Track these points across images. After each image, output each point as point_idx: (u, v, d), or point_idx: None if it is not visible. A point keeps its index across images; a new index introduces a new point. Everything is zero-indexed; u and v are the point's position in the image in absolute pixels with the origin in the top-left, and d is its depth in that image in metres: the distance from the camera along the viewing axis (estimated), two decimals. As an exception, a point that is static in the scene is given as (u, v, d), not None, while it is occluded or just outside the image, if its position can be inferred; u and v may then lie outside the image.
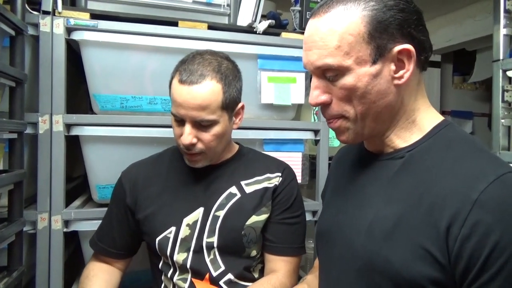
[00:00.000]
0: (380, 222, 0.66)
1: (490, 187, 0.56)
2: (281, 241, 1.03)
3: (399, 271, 0.61)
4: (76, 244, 1.37)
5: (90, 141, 1.21)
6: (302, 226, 1.07)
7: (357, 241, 0.69)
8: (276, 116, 1.42)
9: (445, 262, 0.58)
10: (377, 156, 0.74)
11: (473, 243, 0.56)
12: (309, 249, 1.62)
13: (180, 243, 0.99)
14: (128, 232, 1.06)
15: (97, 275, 1.04)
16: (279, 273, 1.01)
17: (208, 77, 0.92)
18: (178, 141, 0.97)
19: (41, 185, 1.15)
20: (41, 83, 1.15)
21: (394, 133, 0.71)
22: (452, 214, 0.58)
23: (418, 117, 0.70)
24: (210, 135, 0.95)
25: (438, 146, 0.67)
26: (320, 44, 0.65)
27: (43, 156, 1.15)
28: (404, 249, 0.61)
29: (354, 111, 0.67)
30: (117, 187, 1.09)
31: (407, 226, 0.62)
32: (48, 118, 1.15)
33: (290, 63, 1.40)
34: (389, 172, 0.70)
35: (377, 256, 0.65)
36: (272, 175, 1.06)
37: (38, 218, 1.14)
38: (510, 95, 1.28)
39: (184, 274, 0.99)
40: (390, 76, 0.66)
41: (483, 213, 0.55)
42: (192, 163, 0.99)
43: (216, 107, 0.93)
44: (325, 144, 1.43)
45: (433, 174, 0.63)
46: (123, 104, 1.25)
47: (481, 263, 0.55)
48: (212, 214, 1.00)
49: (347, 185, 0.80)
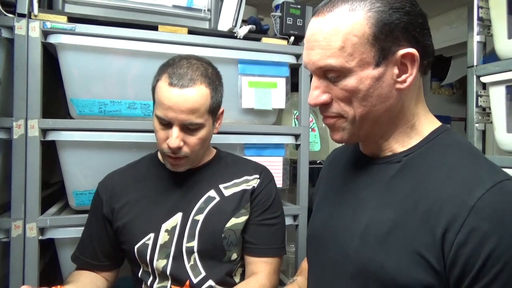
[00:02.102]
0: (375, 226, 0.65)
1: (487, 194, 0.56)
2: (261, 242, 1.03)
3: (394, 277, 0.60)
4: (53, 252, 1.33)
5: (67, 146, 1.19)
6: (281, 227, 1.07)
7: (351, 245, 0.67)
8: (256, 121, 1.42)
9: (440, 268, 0.57)
10: (373, 160, 0.73)
11: (469, 250, 0.55)
12: (290, 253, 1.62)
13: (160, 249, 0.98)
14: (109, 243, 1.04)
15: (83, 275, 1.02)
16: (260, 275, 1.00)
17: (198, 81, 0.93)
18: (162, 145, 0.95)
19: (15, 192, 1.12)
20: (16, 87, 1.12)
21: (393, 137, 0.69)
22: (448, 220, 0.57)
23: (417, 122, 0.69)
24: (196, 139, 0.95)
25: (435, 152, 0.66)
26: (323, 44, 0.63)
27: (17, 162, 1.12)
28: (399, 255, 0.61)
29: (353, 112, 0.66)
30: (94, 198, 1.08)
31: (402, 232, 0.61)
32: (23, 123, 1.12)
33: (270, 68, 1.41)
34: (386, 176, 0.68)
35: (371, 261, 0.64)
36: (250, 177, 1.06)
37: (12, 226, 1.11)
38: (484, 100, 1.32)
39: (164, 281, 0.98)
40: (392, 80, 0.64)
41: (480, 220, 0.55)
42: (175, 167, 0.99)
43: (204, 111, 0.94)
44: (306, 149, 1.44)
45: (430, 179, 0.62)
46: (102, 109, 1.23)
47: (476, 271, 0.55)
48: (191, 218, 0.99)
49: (340, 188, 0.78)
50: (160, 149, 0.98)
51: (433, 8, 2.48)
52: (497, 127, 1.24)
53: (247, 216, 1.02)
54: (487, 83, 1.28)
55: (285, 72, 1.42)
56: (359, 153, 0.78)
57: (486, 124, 1.33)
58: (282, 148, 1.43)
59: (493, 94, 1.26)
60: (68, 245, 1.19)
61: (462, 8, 2.38)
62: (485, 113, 1.32)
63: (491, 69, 1.25)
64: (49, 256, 1.42)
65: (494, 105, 1.25)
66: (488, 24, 1.32)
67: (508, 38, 1.21)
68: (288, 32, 1.44)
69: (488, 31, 1.33)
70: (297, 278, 0.94)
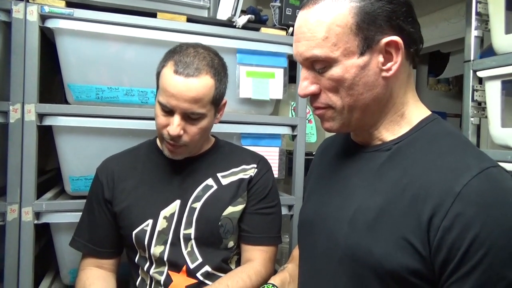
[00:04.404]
0: (363, 213, 0.66)
1: (473, 181, 0.57)
2: (257, 231, 1.04)
3: (380, 262, 0.61)
4: (48, 237, 1.33)
5: (64, 131, 1.19)
6: (278, 216, 1.08)
7: (340, 231, 0.69)
8: (254, 111, 1.42)
9: (426, 253, 0.58)
10: (363, 148, 0.74)
11: (454, 235, 0.56)
12: (284, 243, 1.64)
13: (158, 235, 0.99)
14: (112, 228, 1.03)
15: (94, 284, 0.98)
16: (255, 262, 1.02)
17: (204, 71, 0.92)
18: (162, 131, 0.95)
19: (11, 176, 1.12)
20: (13, 71, 1.12)
21: (383, 126, 0.70)
22: (434, 206, 0.58)
23: (407, 110, 0.70)
24: (196, 128, 0.95)
25: (424, 140, 0.67)
26: (308, 36, 0.65)
27: (13, 146, 1.12)
28: (386, 240, 0.62)
29: (341, 102, 0.67)
30: (94, 183, 1.07)
31: (389, 218, 0.62)
32: (20, 107, 1.12)
33: (269, 59, 1.41)
34: (375, 164, 0.69)
35: (359, 247, 0.65)
36: (248, 167, 1.07)
37: (8, 209, 1.11)
38: (480, 94, 1.33)
39: (161, 267, 0.99)
40: (378, 68, 0.65)
41: (465, 206, 0.56)
42: (173, 155, 0.99)
43: (207, 102, 0.94)
44: (302, 140, 1.45)
45: (417, 167, 0.63)
46: (99, 95, 1.23)
47: (460, 256, 0.55)
48: (189, 206, 1.00)
49: (331, 176, 0.79)
50: (159, 134, 0.98)
51: (431, 4, 2.48)
52: (492, 121, 1.25)
53: (243, 204, 1.03)
54: (484, 77, 1.29)
55: (283, 62, 1.43)
56: (350, 142, 0.79)
57: (481, 119, 1.34)
58: (279, 139, 1.43)
59: (489, 89, 1.27)
60: (63, 230, 1.19)
61: (461, 3, 2.39)
62: (481, 108, 1.34)
63: (487, 63, 1.26)
64: (44, 241, 1.42)
65: (490, 100, 1.26)
66: (486, 19, 1.33)
67: (506, 33, 1.22)
68: (287, 23, 1.44)
69: (485, 26, 1.34)
70: (288, 266, 0.95)
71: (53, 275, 1.34)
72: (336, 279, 0.69)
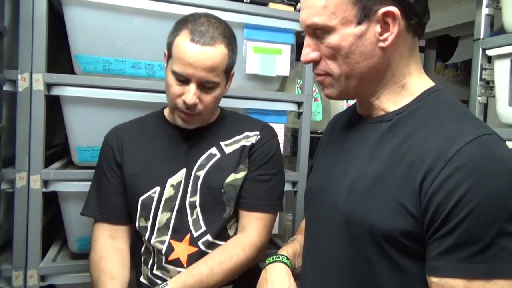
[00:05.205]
0: (361, 179, 0.69)
1: (466, 147, 0.58)
2: (253, 197, 1.04)
3: (374, 224, 0.64)
4: (55, 208, 1.36)
5: (71, 102, 1.20)
6: (277, 184, 1.07)
7: (340, 197, 0.71)
8: (260, 87, 1.42)
9: (417, 215, 0.60)
10: (367, 120, 0.76)
11: (440, 197, 0.58)
12: (287, 220, 1.66)
13: (165, 203, 1.00)
14: (125, 192, 1.04)
15: (111, 257, 0.99)
16: (249, 231, 1.02)
17: (218, 40, 0.94)
18: (176, 101, 0.96)
19: (19, 144, 1.13)
20: (21, 40, 1.12)
21: (384, 96, 0.72)
22: (426, 170, 0.60)
23: (408, 81, 0.71)
24: (211, 97, 0.97)
25: (425, 110, 0.68)
26: (309, 4, 0.68)
27: (22, 115, 1.13)
28: (382, 204, 0.64)
29: (339, 70, 0.69)
30: (103, 149, 1.07)
31: (386, 183, 0.64)
32: (28, 76, 1.13)
33: (276, 35, 1.40)
34: (376, 134, 0.71)
35: (356, 211, 0.67)
36: (251, 134, 1.07)
37: (17, 177, 1.13)
38: (488, 73, 1.31)
39: (162, 236, 1.00)
40: (375, 38, 0.66)
41: (454, 170, 0.57)
42: (187, 124, 0.99)
43: (221, 71, 0.96)
44: (308, 117, 1.45)
45: (416, 135, 0.65)
46: (106, 67, 1.23)
47: (444, 216, 0.57)
48: (193, 174, 1.01)
49: (337, 147, 0.82)
50: (172, 104, 0.98)
51: (442, -15, 2.44)
52: (499, 100, 1.24)
53: (245, 172, 1.04)
54: (493, 56, 1.27)
55: (291, 39, 1.42)
56: (356, 115, 0.81)
57: (488, 98, 1.33)
58: (284, 115, 1.44)
59: (497, 68, 1.26)
60: (71, 199, 1.21)
61: (472, -15, 2.34)
62: (488, 87, 1.33)
63: (497, 41, 1.25)
64: (52, 211, 1.45)
65: (498, 79, 1.25)
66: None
67: (517, 10, 1.20)
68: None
69: (497, 4, 1.32)
70: (297, 237, 0.97)
71: (60, 243, 1.37)
72: (335, 242, 0.72)
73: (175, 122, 1.05)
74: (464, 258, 0.56)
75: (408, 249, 0.62)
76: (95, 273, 0.96)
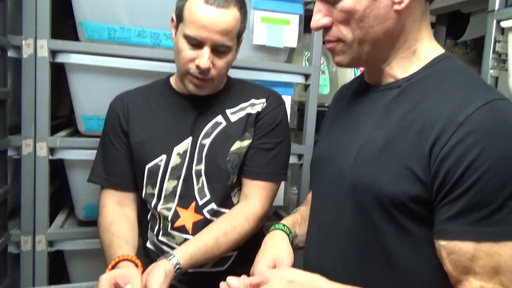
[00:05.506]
0: (369, 145, 0.68)
1: (477, 112, 0.57)
2: (256, 165, 1.03)
3: (382, 189, 0.63)
4: (63, 176, 1.37)
5: (76, 70, 1.18)
6: (281, 153, 1.06)
7: (347, 164, 0.71)
8: (267, 58, 1.40)
9: (426, 180, 0.60)
10: (376, 87, 0.75)
11: (451, 162, 0.57)
12: (292, 194, 1.66)
13: (171, 171, 1.00)
14: (131, 160, 1.03)
15: (120, 222, 0.98)
16: (252, 200, 1.01)
17: (232, 3, 0.92)
18: (188, 65, 0.94)
19: (25, 111, 1.13)
20: (25, 5, 1.10)
21: (395, 62, 0.70)
22: (437, 135, 0.59)
23: (419, 47, 0.70)
24: (223, 62, 0.95)
25: (435, 76, 0.67)
26: None
27: (27, 82, 1.12)
28: (390, 169, 0.63)
29: (352, 35, 0.67)
30: (109, 117, 1.06)
31: (395, 149, 0.64)
32: (33, 42, 1.11)
33: (285, 4, 1.37)
34: (385, 101, 0.70)
35: (363, 176, 0.67)
36: (257, 101, 1.05)
37: (23, 143, 1.13)
38: (502, 46, 1.28)
39: (169, 203, 1.01)
40: (390, 1, 0.65)
41: (465, 134, 0.57)
42: (199, 89, 0.98)
43: (234, 35, 0.95)
44: (315, 89, 1.43)
45: (426, 101, 0.64)
46: (111, 35, 1.22)
47: (455, 180, 0.57)
48: (199, 142, 1.01)
49: (344, 117, 0.81)
50: (184, 69, 0.95)
51: (456, -42, 2.36)
52: (512, 74, 1.22)
53: (250, 140, 1.03)
54: (506, 28, 1.24)
55: (299, 9, 1.39)
56: (363, 84, 0.79)
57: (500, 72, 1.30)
58: (291, 87, 1.42)
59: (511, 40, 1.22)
60: (77, 167, 1.22)
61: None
62: (501, 60, 1.30)
63: (513, 12, 1.21)
64: (59, 181, 1.46)
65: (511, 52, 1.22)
66: (514, -34, 1.26)
67: (535, -21, 1.16)
68: (304, -34, 1.38)
69: (513, -26, 1.28)
70: (299, 208, 0.97)
71: (68, 211, 1.39)
72: (341, 209, 0.71)
73: (181, 90, 1.04)
74: (474, 221, 0.56)
75: (415, 214, 0.62)
76: (107, 237, 0.96)
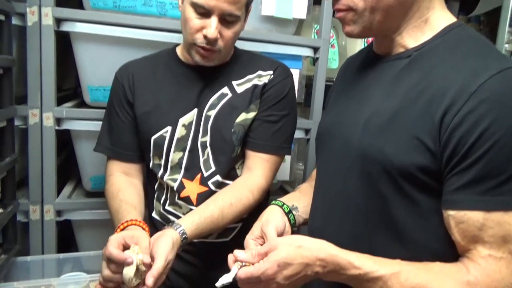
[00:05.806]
0: (377, 115, 0.67)
1: (489, 80, 0.56)
2: (260, 137, 1.02)
3: (390, 159, 0.62)
4: (70, 148, 1.37)
5: (81, 39, 1.17)
6: (286, 126, 1.04)
7: (354, 134, 0.69)
8: (275, 30, 1.37)
9: (436, 150, 0.59)
10: (385, 57, 0.73)
11: (462, 131, 0.56)
12: (298, 169, 1.66)
13: (177, 142, 0.99)
14: (137, 130, 1.03)
15: (127, 189, 0.99)
16: (256, 173, 1.01)
17: None
18: (195, 35, 0.92)
19: (31, 80, 1.12)
20: (28, -29, 1.08)
21: (406, 31, 0.68)
22: (448, 104, 0.58)
23: (431, 16, 0.67)
24: (231, 33, 0.93)
25: (446, 45, 0.65)
26: None
27: (32, 50, 1.11)
28: (398, 140, 0.62)
29: (363, 3, 0.65)
30: (114, 87, 1.05)
31: (403, 119, 0.63)
32: (37, 10, 1.09)
33: (294, -26, 1.33)
34: (395, 71, 0.69)
35: (371, 147, 0.66)
36: (264, 73, 1.03)
37: (29, 113, 1.13)
38: (518, 19, 1.24)
39: (175, 174, 1.01)
40: None
41: (478, 103, 0.56)
42: (206, 60, 0.96)
43: (243, 4, 0.92)
44: (324, 63, 1.40)
45: (437, 70, 0.62)
46: (116, 3, 1.19)
47: (466, 150, 0.56)
48: (204, 114, 1.00)
49: (351, 89, 0.79)
50: (191, 39, 0.93)
51: None
52: (528, 47, 1.18)
53: (255, 111, 1.02)
54: (525, -1, 1.20)
55: (309, -21, 1.34)
56: (372, 54, 0.77)
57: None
58: (300, 61, 1.39)
59: (529, 12, 1.19)
60: (84, 138, 1.22)
61: None
62: (517, 34, 1.26)
63: (532, -17, 1.17)
64: (66, 153, 1.46)
65: (529, 24, 1.19)
66: None
67: None
68: None
69: None
70: (301, 186, 0.96)
71: (75, 182, 1.40)
72: (347, 179, 0.70)
73: (188, 61, 1.02)
74: (484, 191, 0.56)
75: (423, 184, 0.61)
76: (115, 203, 0.96)
